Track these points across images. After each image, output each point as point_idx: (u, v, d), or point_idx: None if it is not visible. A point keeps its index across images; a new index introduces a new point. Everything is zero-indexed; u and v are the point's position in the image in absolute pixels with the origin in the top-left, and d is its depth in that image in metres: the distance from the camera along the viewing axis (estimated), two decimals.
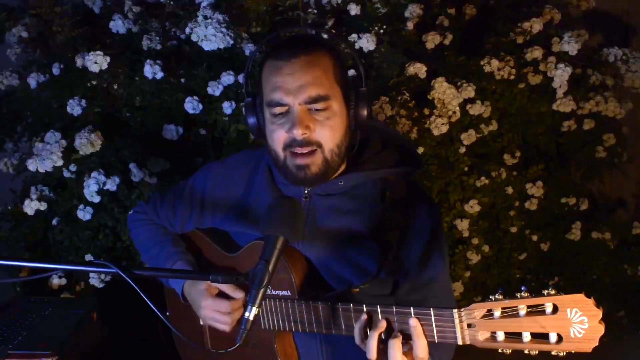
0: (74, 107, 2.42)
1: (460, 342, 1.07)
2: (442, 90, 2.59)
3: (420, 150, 2.62)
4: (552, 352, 0.98)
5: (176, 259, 1.48)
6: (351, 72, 2.09)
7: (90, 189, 2.32)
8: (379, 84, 2.67)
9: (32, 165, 2.33)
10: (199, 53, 2.53)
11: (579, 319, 0.95)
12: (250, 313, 1.08)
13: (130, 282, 1.10)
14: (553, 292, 0.97)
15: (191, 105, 2.45)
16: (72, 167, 2.40)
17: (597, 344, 0.95)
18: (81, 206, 2.37)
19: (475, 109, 2.65)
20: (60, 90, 2.54)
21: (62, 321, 1.83)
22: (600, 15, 3.25)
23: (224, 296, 1.37)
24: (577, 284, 2.99)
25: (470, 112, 2.66)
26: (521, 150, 2.84)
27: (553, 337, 0.97)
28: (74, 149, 2.35)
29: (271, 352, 1.35)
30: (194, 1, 2.60)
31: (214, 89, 2.45)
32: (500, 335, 1.02)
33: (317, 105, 1.25)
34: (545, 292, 0.97)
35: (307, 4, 2.74)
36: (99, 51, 2.39)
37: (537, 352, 1.00)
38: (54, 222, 2.47)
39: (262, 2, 2.63)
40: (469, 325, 1.05)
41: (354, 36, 2.59)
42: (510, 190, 2.80)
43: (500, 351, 1.03)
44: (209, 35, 2.44)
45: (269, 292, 1.29)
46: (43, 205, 2.41)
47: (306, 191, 1.36)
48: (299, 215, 1.20)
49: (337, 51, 1.35)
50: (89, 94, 2.52)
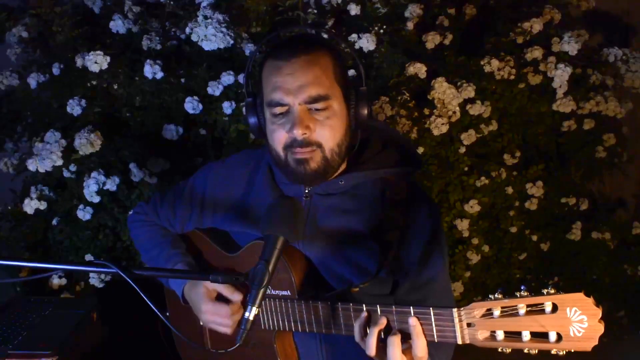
0: (74, 107, 2.42)
1: (459, 342, 1.06)
2: (442, 90, 2.59)
3: (420, 150, 2.62)
4: (552, 351, 0.98)
5: (176, 260, 1.47)
6: (351, 72, 2.10)
7: (90, 189, 2.32)
8: (379, 84, 2.67)
9: (32, 165, 2.33)
10: (199, 53, 2.53)
11: (579, 318, 0.95)
12: (250, 313, 1.08)
13: (130, 282, 1.10)
14: (552, 291, 0.97)
15: (191, 105, 2.45)
16: (72, 167, 2.40)
17: (597, 342, 0.95)
18: (81, 206, 2.37)
19: (475, 109, 2.65)
20: (60, 90, 2.54)
21: (62, 321, 1.83)
22: (600, 15, 3.25)
23: (223, 299, 1.36)
24: (577, 284, 2.99)
25: (470, 112, 2.66)
26: (521, 150, 2.84)
27: (553, 336, 0.97)
28: (74, 149, 2.35)
29: (271, 352, 1.34)
30: (194, 1, 2.60)
31: (214, 89, 2.45)
32: (499, 335, 1.02)
33: (317, 105, 1.25)
34: (544, 291, 0.97)
35: (307, 4, 2.74)
36: (99, 51, 2.39)
37: (536, 351, 1.00)
38: (54, 222, 2.47)
39: (262, 2, 2.63)
40: (468, 325, 1.05)
41: (354, 36, 2.59)
42: (510, 190, 2.80)
43: (500, 350, 1.03)
44: (209, 35, 2.44)
45: (269, 292, 1.29)
46: (43, 204, 2.40)
47: (307, 191, 1.36)
48: (299, 215, 1.20)
49: (337, 51, 1.34)
50: (89, 94, 2.52)
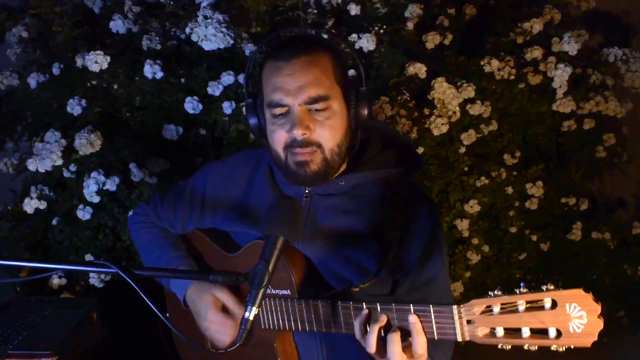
0: (74, 107, 2.42)
1: (459, 339, 1.06)
2: (442, 90, 2.59)
3: (420, 150, 2.62)
4: (552, 348, 0.98)
5: (178, 263, 1.48)
6: (351, 72, 2.10)
7: (90, 189, 2.32)
8: (379, 84, 2.67)
9: (32, 165, 2.33)
10: (199, 53, 2.53)
11: (578, 314, 0.95)
12: (250, 313, 1.08)
13: (130, 282, 1.10)
14: (552, 288, 0.97)
15: (191, 105, 2.45)
16: (72, 167, 2.40)
17: (596, 339, 0.95)
18: (81, 206, 2.37)
19: (475, 109, 2.65)
20: (60, 90, 2.54)
21: (62, 321, 1.83)
22: (600, 15, 3.25)
23: (226, 310, 1.38)
24: (577, 284, 2.98)
25: (470, 112, 2.66)
26: (521, 150, 2.84)
27: (552, 333, 0.97)
28: (74, 149, 2.35)
29: (271, 351, 1.34)
30: (194, 1, 2.60)
31: (214, 89, 2.45)
32: (499, 331, 1.02)
33: (317, 106, 1.25)
34: (544, 287, 0.98)
35: (307, 4, 2.74)
36: (99, 51, 2.39)
37: (536, 347, 1.00)
38: (54, 222, 2.47)
39: (262, 2, 2.63)
40: (468, 322, 1.05)
41: (354, 36, 2.59)
42: (510, 190, 2.80)
43: (499, 347, 1.03)
44: (209, 35, 2.44)
45: (269, 292, 1.29)
46: (43, 204, 2.40)
47: (307, 191, 1.36)
48: (299, 215, 1.20)
49: (337, 51, 1.34)
50: (89, 94, 2.52)
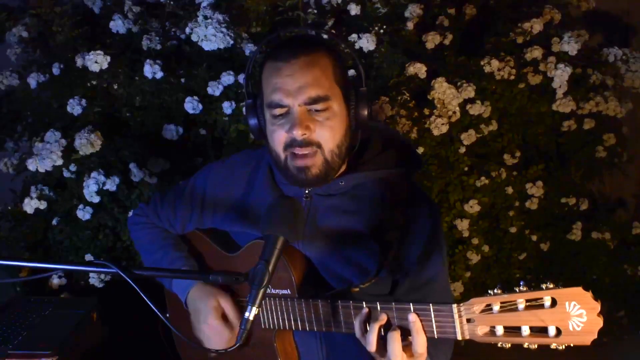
0: (74, 107, 2.42)
1: (459, 337, 1.07)
2: (442, 90, 2.59)
3: (420, 150, 2.62)
4: (552, 346, 0.98)
5: (180, 264, 1.48)
6: (351, 72, 2.10)
7: (90, 189, 2.32)
8: (379, 84, 2.66)
9: (32, 165, 2.33)
10: (199, 53, 2.53)
11: (578, 312, 0.95)
12: (250, 313, 1.08)
13: (130, 282, 1.10)
14: (551, 286, 0.97)
15: (191, 105, 2.45)
16: (72, 167, 2.40)
17: (596, 337, 0.95)
18: (81, 206, 2.37)
19: (475, 109, 2.65)
20: (60, 90, 2.54)
21: (62, 321, 1.83)
22: (600, 15, 3.25)
23: (226, 319, 1.38)
24: (577, 284, 2.99)
25: (470, 112, 2.66)
26: (521, 150, 2.84)
27: (552, 331, 0.97)
28: (74, 149, 2.34)
29: (271, 351, 1.34)
30: (194, 1, 2.60)
31: (214, 89, 2.45)
32: (499, 330, 1.02)
33: (317, 106, 1.25)
34: (543, 285, 0.98)
35: (307, 4, 2.74)
36: (99, 51, 2.39)
37: (536, 346, 1.00)
38: (54, 222, 2.47)
39: (262, 2, 2.63)
40: (468, 320, 1.05)
41: (354, 36, 2.59)
42: (510, 190, 2.80)
43: (499, 345, 1.03)
44: (209, 35, 2.44)
45: (269, 291, 1.29)
46: (43, 204, 2.40)
47: (307, 191, 1.36)
48: (299, 215, 1.20)
49: (336, 51, 1.34)
50: (89, 94, 2.52)
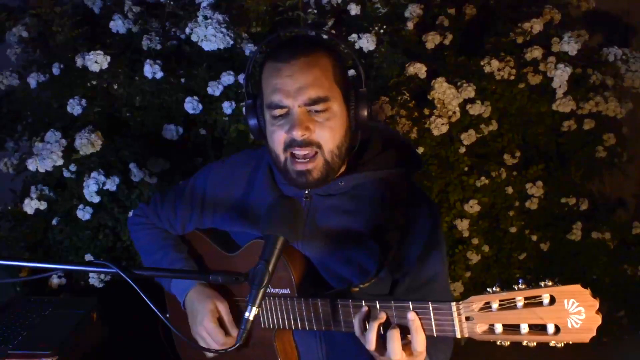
0: (74, 107, 2.42)
1: (458, 335, 1.07)
2: (442, 90, 2.59)
3: (420, 150, 2.62)
4: (550, 344, 0.98)
5: (180, 265, 1.48)
6: (351, 72, 2.10)
7: (90, 189, 2.32)
8: (379, 84, 2.66)
9: (32, 165, 2.33)
10: (199, 53, 2.53)
11: (576, 309, 0.95)
12: (250, 313, 1.08)
13: (130, 282, 1.10)
14: (550, 284, 0.98)
15: (191, 105, 2.45)
16: (72, 167, 2.40)
17: (595, 334, 0.95)
18: (81, 206, 2.37)
19: (475, 109, 2.65)
20: (60, 90, 2.54)
21: (62, 321, 1.83)
22: (600, 15, 3.25)
23: (223, 326, 1.39)
24: (576, 283, 2.99)
25: (470, 112, 2.66)
26: (521, 150, 2.84)
27: (551, 328, 0.97)
28: (74, 149, 2.34)
29: (271, 351, 1.35)
30: (194, 1, 2.60)
31: (214, 89, 2.45)
32: (498, 328, 1.02)
33: (317, 107, 1.25)
34: (542, 283, 0.98)
35: (307, 4, 2.74)
36: (99, 51, 2.39)
37: (535, 343, 1.00)
38: (54, 222, 2.47)
39: (262, 2, 2.63)
40: (467, 318, 1.05)
41: (354, 36, 2.59)
42: (510, 190, 2.80)
43: (498, 343, 1.03)
44: (209, 35, 2.44)
45: (269, 291, 1.29)
46: (43, 204, 2.40)
47: (306, 191, 1.36)
48: (299, 215, 1.20)
49: (336, 52, 1.34)
50: (89, 94, 2.52)
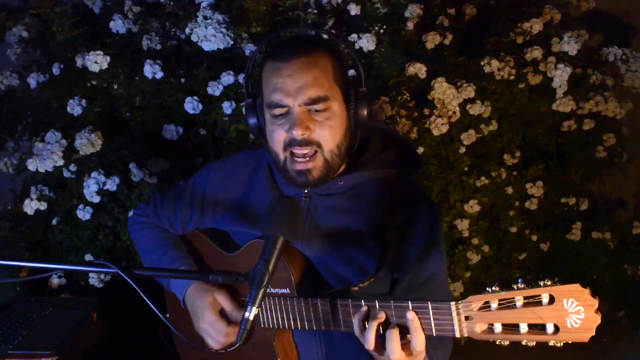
0: (74, 107, 2.42)
1: (457, 335, 1.07)
2: (442, 90, 2.59)
3: (420, 150, 2.62)
4: (550, 343, 0.98)
5: (179, 264, 1.48)
6: (351, 72, 2.10)
7: (90, 189, 2.32)
8: (379, 84, 2.67)
9: (32, 165, 2.33)
10: (199, 53, 2.53)
11: (576, 309, 0.95)
12: (250, 313, 1.08)
13: (130, 282, 1.10)
14: (549, 283, 0.97)
15: (191, 105, 2.45)
16: (72, 167, 2.40)
17: (594, 333, 0.95)
18: (81, 206, 2.37)
19: (475, 109, 2.65)
20: (60, 90, 2.54)
21: (62, 321, 1.83)
22: (600, 15, 3.25)
23: (225, 316, 1.39)
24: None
25: (470, 112, 2.66)
26: (521, 150, 2.84)
27: (550, 328, 0.97)
28: (74, 149, 2.34)
29: (271, 351, 1.35)
30: (194, 1, 2.60)
31: (214, 89, 2.45)
32: (497, 327, 1.02)
33: (317, 106, 1.25)
34: (541, 283, 0.98)
35: (307, 4, 2.74)
36: (99, 51, 2.39)
37: (534, 343, 1.00)
38: (54, 222, 2.47)
39: (262, 2, 2.63)
40: (466, 318, 1.05)
41: (354, 36, 2.59)
42: (510, 190, 2.80)
43: (498, 343, 1.03)
44: (209, 35, 2.44)
45: (268, 290, 1.29)
46: (43, 205, 2.40)
47: (306, 191, 1.36)
48: (299, 215, 1.20)
49: (336, 51, 1.34)
50: (89, 94, 2.52)
